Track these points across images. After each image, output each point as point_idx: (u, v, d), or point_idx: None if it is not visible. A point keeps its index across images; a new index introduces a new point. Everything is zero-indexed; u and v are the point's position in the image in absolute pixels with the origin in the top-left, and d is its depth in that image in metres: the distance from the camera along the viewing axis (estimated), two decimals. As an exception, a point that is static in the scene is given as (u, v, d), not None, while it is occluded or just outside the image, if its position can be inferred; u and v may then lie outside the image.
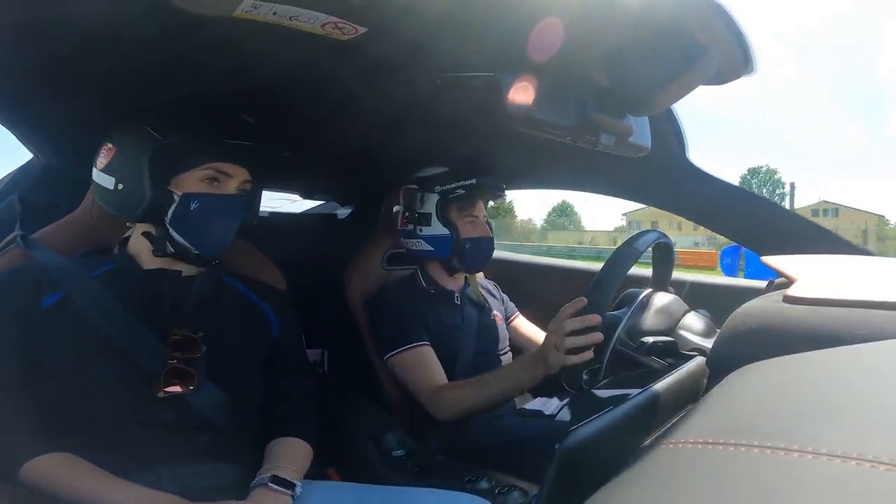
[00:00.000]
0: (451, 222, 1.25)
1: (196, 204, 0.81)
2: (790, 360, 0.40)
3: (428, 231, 1.28)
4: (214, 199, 0.83)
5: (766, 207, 1.03)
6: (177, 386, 0.75)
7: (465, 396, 1.08)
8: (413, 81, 0.82)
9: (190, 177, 0.82)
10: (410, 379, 1.18)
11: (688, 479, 0.27)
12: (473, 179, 1.23)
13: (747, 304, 0.64)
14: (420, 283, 1.32)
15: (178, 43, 0.68)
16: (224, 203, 0.84)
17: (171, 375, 0.76)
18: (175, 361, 0.76)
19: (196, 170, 0.82)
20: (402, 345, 1.19)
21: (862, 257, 0.89)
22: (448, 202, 1.26)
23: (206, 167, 0.82)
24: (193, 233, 0.82)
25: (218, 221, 0.83)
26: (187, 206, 0.81)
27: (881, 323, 0.47)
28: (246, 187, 0.87)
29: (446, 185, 1.25)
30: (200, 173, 0.82)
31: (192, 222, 0.82)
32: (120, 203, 0.83)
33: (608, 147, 0.78)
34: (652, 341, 0.79)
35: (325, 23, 0.60)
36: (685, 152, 1.07)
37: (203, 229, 0.83)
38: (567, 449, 0.37)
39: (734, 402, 0.37)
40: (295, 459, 0.82)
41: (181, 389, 0.76)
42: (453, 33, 0.65)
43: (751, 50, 0.63)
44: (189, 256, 0.84)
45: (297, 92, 0.90)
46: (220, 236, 0.84)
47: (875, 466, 0.20)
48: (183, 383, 0.76)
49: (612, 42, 0.65)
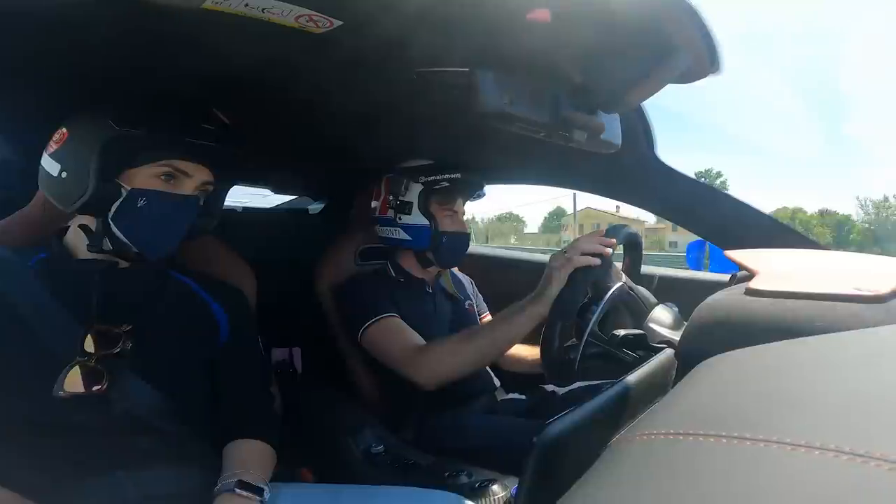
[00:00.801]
0: (431, 214, 1.25)
1: (144, 201, 0.76)
2: (754, 352, 0.42)
3: (407, 220, 1.27)
4: (166, 197, 0.78)
5: (730, 204, 1.07)
6: (80, 386, 0.70)
7: (450, 349, 1.04)
8: (388, 76, 0.82)
9: (143, 172, 0.77)
10: (386, 349, 1.15)
11: (660, 470, 0.28)
12: (458, 174, 1.24)
13: (711, 298, 0.67)
14: (389, 273, 1.32)
15: (143, 36, 0.66)
16: (177, 203, 0.79)
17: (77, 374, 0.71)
18: (86, 359, 0.72)
19: (152, 165, 0.77)
20: (372, 317, 1.17)
21: (820, 251, 0.93)
22: (430, 193, 1.25)
23: (162, 163, 0.77)
24: (137, 231, 0.78)
25: (167, 221, 0.79)
26: (134, 202, 0.76)
27: (839, 315, 0.50)
28: (206, 189, 0.83)
29: (431, 177, 1.25)
30: (156, 169, 0.77)
31: (137, 220, 0.77)
32: (59, 192, 0.77)
33: (581, 143, 0.79)
34: (623, 334, 0.81)
35: (298, 16, 0.59)
36: (654, 149, 1.10)
37: (148, 228, 0.78)
38: (544, 442, 0.38)
39: (702, 393, 0.38)
40: (259, 462, 0.79)
41: (83, 390, 0.70)
42: (429, 28, 0.65)
43: (718, 50, 0.65)
44: (129, 255, 0.80)
45: (269, 86, 0.88)
46: (166, 237, 0.79)
47: (838, 456, 0.22)
48: (89, 383, 0.71)
49: (586, 40, 0.65)
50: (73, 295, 0.76)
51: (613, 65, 0.68)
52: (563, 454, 0.39)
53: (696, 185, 1.12)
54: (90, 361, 0.72)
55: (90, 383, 0.71)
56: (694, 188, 1.12)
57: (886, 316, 0.49)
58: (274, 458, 0.83)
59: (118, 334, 0.74)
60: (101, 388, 0.71)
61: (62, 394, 0.69)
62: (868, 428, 0.24)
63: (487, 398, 1.26)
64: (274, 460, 0.83)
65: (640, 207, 1.29)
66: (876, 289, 0.52)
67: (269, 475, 0.79)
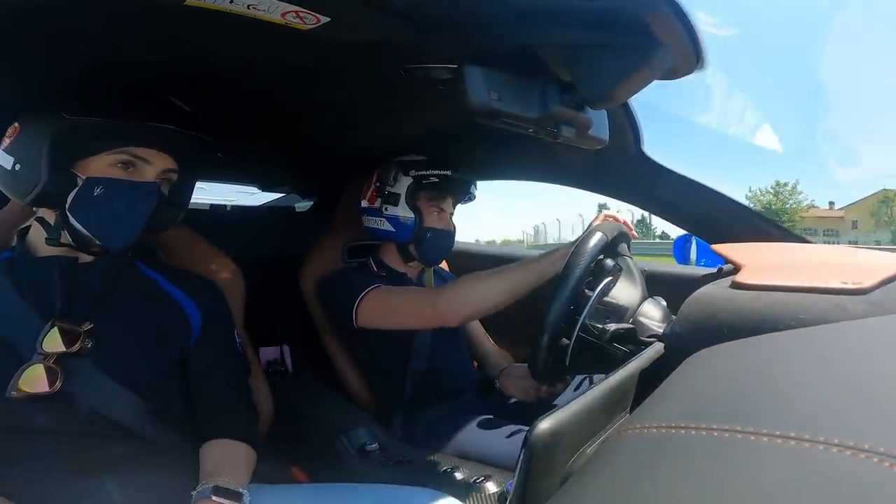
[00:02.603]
0: (417, 208, 1.25)
1: (101, 189, 0.74)
2: (741, 345, 0.43)
3: (393, 211, 1.26)
4: (123, 185, 0.75)
5: (716, 198, 1.08)
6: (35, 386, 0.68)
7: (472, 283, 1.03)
8: (375, 73, 0.81)
9: (100, 160, 0.75)
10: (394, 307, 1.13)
11: (653, 464, 0.28)
12: (449, 171, 1.23)
13: (699, 291, 0.68)
14: (371, 269, 1.31)
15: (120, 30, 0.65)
16: (135, 190, 0.76)
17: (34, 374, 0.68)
18: (44, 358, 0.70)
19: (107, 153, 0.75)
20: (361, 292, 1.15)
21: (803, 245, 0.94)
22: (419, 188, 1.25)
23: (118, 151, 0.75)
24: (96, 221, 0.75)
25: (125, 209, 0.76)
26: (90, 191, 0.74)
27: (824, 308, 0.51)
28: (170, 177, 0.81)
29: (421, 171, 1.24)
30: (112, 157, 0.75)
31: (94, 209, 0.75)
32: (13, 185, 0.75)
33: (568, 139, 0.79)
34: (613, 328, 0.81)
35: (284, 12, 0.58)
36: (641, 145, 1.10)
37: (107, 217, 0.75)
38: (537, 437, 0.38)
39: (691, 387, 0.39)
40: (235, 465, 0.76)
41: (37, 390, 0.68)
42: (417, 24, 0.65)
43: (703, 47, 0.66)
44: (90, 247, 0.78)
45: (254, 82, 0.87)
46: (126, 226, 0.77)
47: (827, 447, 0.22)
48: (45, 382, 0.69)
49: (574, 37, 0.66)
50: (34, 293, 0.74)
51: (601, 62, 0.68)
52: (556, 449, 0.39)
53: (682, 180, 1.13)
54: (48, 360, 0.70)
55: (47, 382, 0.69)
56: (679, 183, 1.13)
57: (870, 308, 0.50)
58: (253, 456, 0.82)
59: (78, 332, 0.73)
60: (55, 387, 0.69)
61: (15, 394, 0.67)
62: (856, 419, 0.25)
63: (471, 395, 1.26)
64: (253, 459, 0.81)
65: (627, 202, 1.29)
66: (860, 281, 0.53)
67: (249, 475, 0.78)
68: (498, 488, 0.79)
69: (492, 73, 0.69)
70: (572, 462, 0.35)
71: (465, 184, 1.30)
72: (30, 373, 0.69)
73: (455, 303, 1.03)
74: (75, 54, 0.73)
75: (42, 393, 0.68)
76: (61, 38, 0.68)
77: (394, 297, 1.14)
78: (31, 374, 0.69)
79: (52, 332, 0.71)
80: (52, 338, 0.71)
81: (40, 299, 0.74)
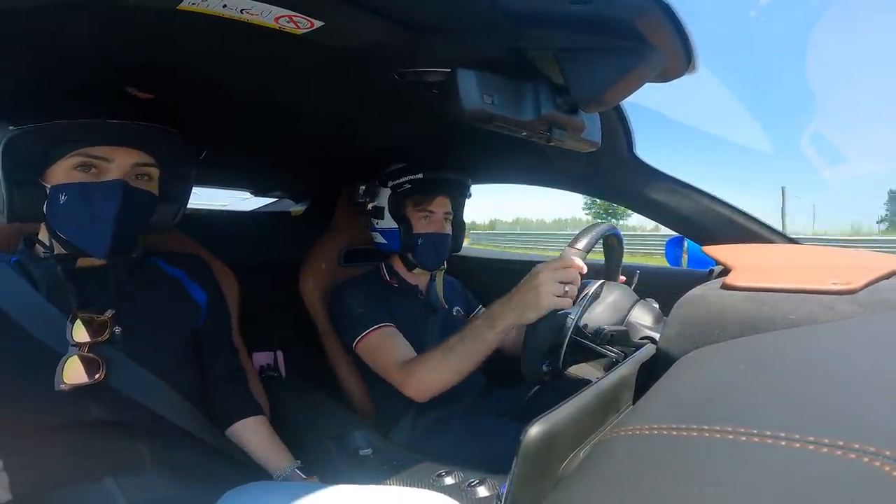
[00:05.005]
0: (404, 217, 1.25)
1: (64, 196, 0.72)
2: (731, 346, 0.43)
3: (381, 224, 1.29)
4: (83, 187, 0.72)
5: (707, 200, 1.09)
6: (80, 377, 0.70)
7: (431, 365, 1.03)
8: (369, 76, 0.81)
9: (60, 167, 0.73)
10: (379, 360, 1.15)
11: (645, 465, 0.28)
12: (420, 174, 1.24)
13: (690, 293, 0.68)
14: (384, 277, 1.31)
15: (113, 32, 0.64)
16: (99, 191, 0.72)
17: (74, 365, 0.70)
18: (79, 349, 0.71)
19: (65, 158, 0.72)
20: (368, 327, 1.17)
21: (793, 246, 0.95)
22: (400, 197, 1.25)
23: (73, 154, 0.72)
24: (69, 228, 0.74)
25: (95, 212, 0.73)
26: (56, 199, 0.72)
27: (813, 308, 0.51)
28: (147, 171, 0.78)
29: (397, 180, 1.25)
30: (70, 161, 0.72)
31: (64, 217, 0.73)
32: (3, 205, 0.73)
33: (561, 142, 0.80)
34: (606, 330, 0.82)
35: (278, 16, 0.58)
36: (633, 147, 1.11)
37: (78, 223, 0.73)
38: (529, 441, 0.38)
39: (683, 388, 0.39)
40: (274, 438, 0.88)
41: (85, 380, 0.70)
42: (410, 28, 0.65)
43: (694, 50, 0.67)
44: (86, 254, 0.76)
45: (247, 87, 0.87)
46: (101, 229, 0.73)
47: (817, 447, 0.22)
48: (89, 372, 0.70)
49: (566, 41, 0.66)
50: (49, 290, 0.75)
51: (593, 65, 0.69)
52: (549, 452, 0.39)
53: (674, 183, 1.13)
54: (83, 351, 0.71)
55: (90, 372, 0.71)
56: (672, 186, 1.14)
57: (859, 308, 0.51)
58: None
59: (104, 321, 0.74)
60: (101, 375, 0.71)
61: (63, 387, 0.69)
62: (845, 419, 0.25)
63: (473, 397, 1.26)
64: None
65: (619, 204, 1.30)
66: (849, 282, 0.54)
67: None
68: (490, 492, 0.79)
69: (485, 77, 0.69)
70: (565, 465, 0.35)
71: (442, 182, 1.28)
72: (69, 365, 0.70)
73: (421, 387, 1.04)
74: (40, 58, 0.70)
75: (86, 383, 0.70)
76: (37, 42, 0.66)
77: (380, 352, 1.15)
78: (72, 366, 0.70)
79: (77, 324, 0.72)
80: (79, 329, 0.72)
81: (55, 294, 0.75)
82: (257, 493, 0.72)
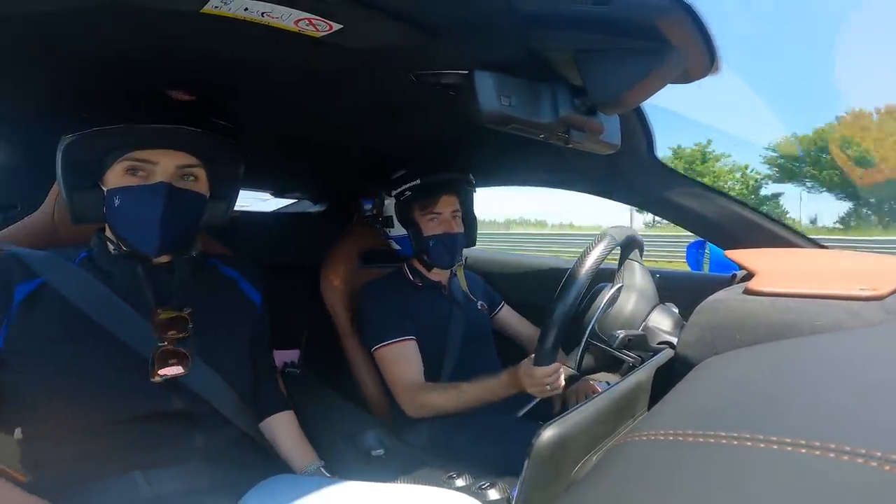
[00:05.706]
0: (413, 222, 1.27)
1: (118, 199, 0.77)
2: (753, 352, 0.42)
3: (393, 232, 1.31)
4: (132, 190, 0.77)
5: (729, 203, 1.07)
6: (174, 367, 0.75)
7: (439, 400, 1.11)
8: (387, 79, 0.82)
9: (114, 171, 0.77)
10: (390, 372, 1.20)
11: (660, 471, 0.28)
12: (417, 180, 1.25)
13: (711, 298, 0.67)
14: (408, 277, 1.33)
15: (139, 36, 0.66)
16: (144, 193, 0.77)
17: (164, 357, 0.75)
18: (165, 343, 0.75)
19: (117, 163, 0.77)
20: (391, 338, 1.20)
21: (818, 251, 0.93)
22: (405, 204, 1.27)
23: (123, 158, 0.77)
24: (127, 229, 0.79)
25: (142, 214, 0.77)
26: (112, 202, 0.77)
27: (837, 314, 0.50)
28: (193, 172, 0.81)
29: (398, 188, 1.28)
30: (121, 166, 0.77)
31: (119, 219, 0.78)
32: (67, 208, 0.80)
33: (580, 144, 0.79)
34: (623, 335, 0.80)
35: (298, 19, 0.59)
36: (654, 150, 1.10)
37: (130, 224, 0.78)
38: (542, 443, 0.38)
39: (701, 394, 0.38)
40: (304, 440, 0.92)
41: (182, 370, 0.75)
42: (427, 31, 0.65)
43: (717, 50, 0.65)
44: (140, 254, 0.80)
45: (268, 90, 0.88)
46: (151, 230, 0.77)
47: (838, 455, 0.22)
48: (180, 364, 0.75)
49: (585, 42, 0.66)
50: (122, 287, 0.78)
51: (612, 66, 0.68)
52: (561, 455, 0.39)
53: (695, 186, 1.12)
54: (169, 345, 0.75)
55: (181, 365, 0.75)
56: (693, 188, 1.12)
57: (886, 315, 0.49)
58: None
59: (185, 318, 0.78)
60: (188, 369, 0.76)
61: (157, 379, 0.73)
62: (867, 427, 0.24)
63: None
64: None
65: (639, 208, 1.29)
66: (876, 288, 0.52)
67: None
68: (501, 495, 0.78)
69: (502, 79, 0.69)
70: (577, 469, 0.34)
71: (442, 184, 1.28)
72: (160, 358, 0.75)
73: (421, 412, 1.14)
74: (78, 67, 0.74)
75: (177, 375, 0.75)
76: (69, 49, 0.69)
77: (393, 366, 1.20)
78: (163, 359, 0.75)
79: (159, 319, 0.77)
80: (161, 325, 0.77)
81: (129, 293, 0.78)
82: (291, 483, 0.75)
